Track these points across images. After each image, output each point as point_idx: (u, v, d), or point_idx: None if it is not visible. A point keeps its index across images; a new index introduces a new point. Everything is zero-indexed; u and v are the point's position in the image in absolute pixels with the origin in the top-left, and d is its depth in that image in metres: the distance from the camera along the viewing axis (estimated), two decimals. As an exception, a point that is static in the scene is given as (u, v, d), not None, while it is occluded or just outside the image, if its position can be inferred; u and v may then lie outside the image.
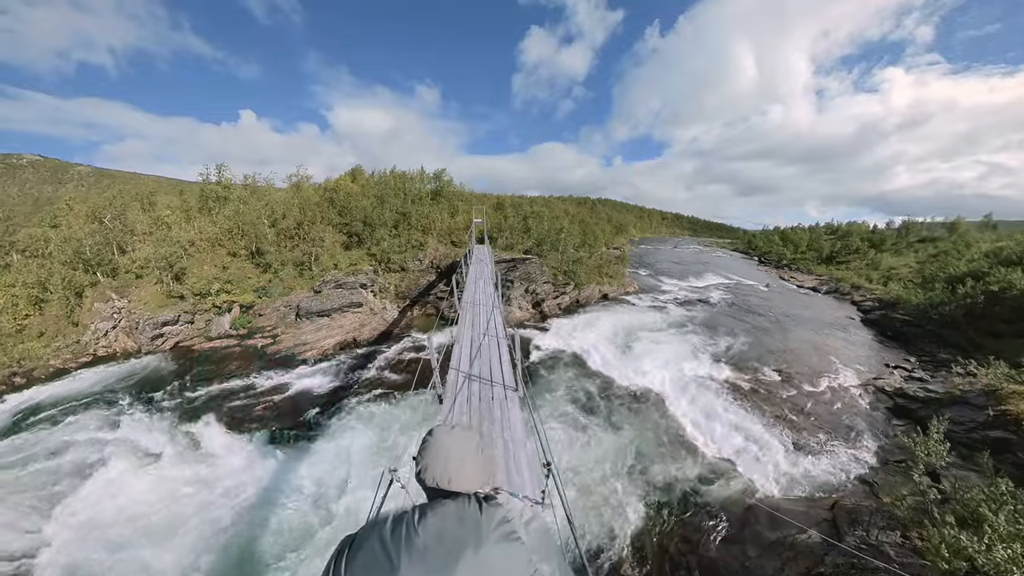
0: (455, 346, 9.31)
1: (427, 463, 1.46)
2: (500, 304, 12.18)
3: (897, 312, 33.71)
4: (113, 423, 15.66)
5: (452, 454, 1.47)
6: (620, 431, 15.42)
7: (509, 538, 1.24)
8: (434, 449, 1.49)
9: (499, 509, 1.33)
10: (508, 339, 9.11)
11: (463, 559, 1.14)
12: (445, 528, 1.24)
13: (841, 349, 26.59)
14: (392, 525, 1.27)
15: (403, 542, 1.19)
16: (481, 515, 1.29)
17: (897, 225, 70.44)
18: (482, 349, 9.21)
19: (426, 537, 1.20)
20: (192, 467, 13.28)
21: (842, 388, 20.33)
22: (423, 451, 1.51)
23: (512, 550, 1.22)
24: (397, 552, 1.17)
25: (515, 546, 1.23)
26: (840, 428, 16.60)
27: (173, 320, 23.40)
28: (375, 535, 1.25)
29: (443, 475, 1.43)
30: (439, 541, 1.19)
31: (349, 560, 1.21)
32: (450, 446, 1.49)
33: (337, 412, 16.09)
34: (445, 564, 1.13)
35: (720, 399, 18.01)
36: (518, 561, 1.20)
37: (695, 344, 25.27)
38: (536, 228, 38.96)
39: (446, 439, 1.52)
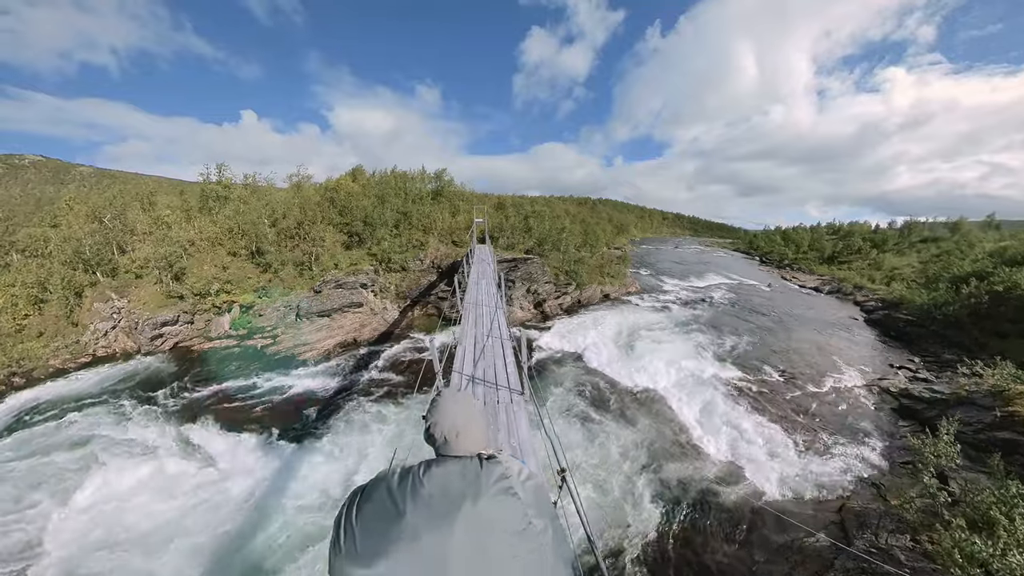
0: (458, 348, 9.06)
1: (436, 419, 1.57)
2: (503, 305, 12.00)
3: (901, 312, 33.52)
4: (111, 425, 15.49)
5: (459, 414, 1.58)
6: (624, 434, 15.25)
7: (506, 492, 1.33)
8: (442, 409, 1.60)
9: (498, 466, 1.42)
10: (513, 340, 8.95)
11: (463, 508, 1.24)
12: (448, 481, 1.34)
13: (845, 349, 26.42)
14: (399, 477, 1.37)
15: (409, 491, 1.30)
16: (481, 471, 1.39)
17: (899, 225, 70.30)
18: (486, 351, 8.99)
19: (431, 487, 1.31)
20: (190, 470, 13.11)
21: (846, 389, 20.16)
22: (432, 409, 1.62)
23: (508, 503, 1.31)
24: (403, 500, 1.27)
25: (511, 500, 1.32)
26: (845, 429, 16.43)
27: (172, 320, 23.26)
28: (383, 485, 1.35)
29: (451, 429, 1.53)
30: (442, 492, 1.29)
31: (360, 507, 1.31)
32: (457, 407, 1.61)
33: (338, 414, 15.91)
34: (447, 512, 1.23)
35: (724, 400, 17.84)
36: (513, 513, 1.29)
37: (698, 344, 25.09)
38: (537, 228, 38.84)
39: (452, 400, 1.64)
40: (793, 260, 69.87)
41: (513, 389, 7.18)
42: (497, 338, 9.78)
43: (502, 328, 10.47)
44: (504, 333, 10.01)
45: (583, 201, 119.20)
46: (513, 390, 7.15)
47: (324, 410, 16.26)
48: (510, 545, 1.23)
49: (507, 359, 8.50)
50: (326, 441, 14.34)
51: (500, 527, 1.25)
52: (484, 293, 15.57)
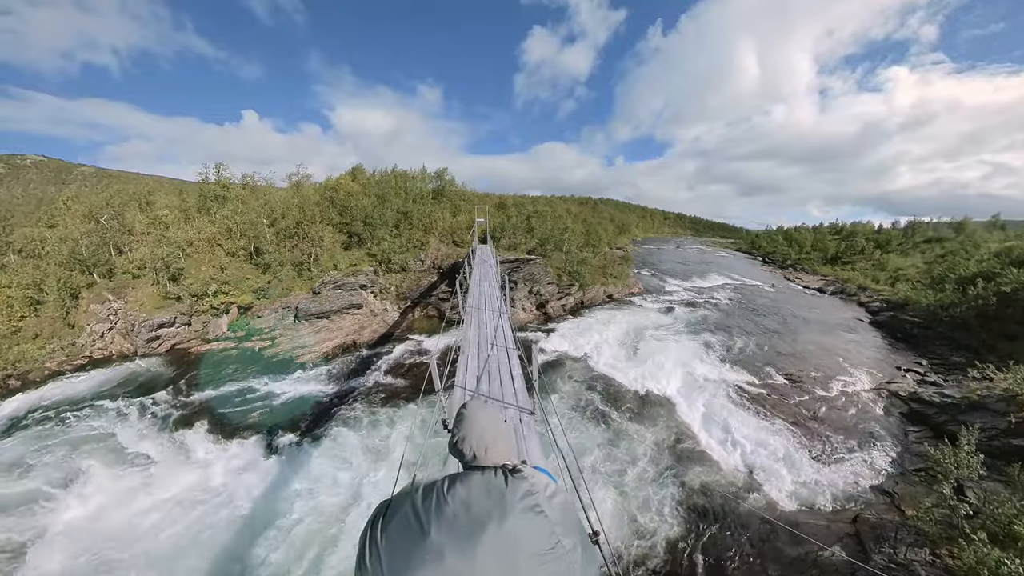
0: (460, 358, 8.30)
1: (464, 434, 1.54)
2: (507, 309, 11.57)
3: (906, 314, 33.09)
4: (103, 433, 15.17)
5: (487, 427, 1.56)
6: (630, 442, 14.88)
7: (533, 510, 1.28)
8: (470, 422, 1.57)
9: (524, 482, 1.37)
10: (519, 349, 8.38)
11: (488, 528, 1.19)
12: (473, 498, 1.29)
13: (851, 351, 26.03)
14: (423, 493, 1.33)
15: (433, 509, 1.26)
16: (507, 487, 1.34)
17: (902, 225, 69.84)
18: (490, 362, 8.29)
19: (455, 506, 1.27)
20: (183, 481, 12.74)
21: (855, 393, 19.78)
22: (459, 423, 1.60)
23: (536, 522, 1.26)
24: (428, 518, 1.23)
25: (539, 518, 1.27)
26: (855, 435, 16.06)
27: (169, 322, 22.92)
28: (408, 502, 1.32)
29: (480, 445, 1.51)
30: (467, 510, 1.25)
31: (385, 524, 1.28)
32: (485, 420, 1.59)
33: (334, 423, 15.52)
34: (472, 532, 1.18)
35: (732, 405, 17.48)
36: (541, 533, 1.24)
37: (703, 346, 24.74)
38: (540, 228, 38.49)
39: (480, 413, 1.62)
40: (796, 260, 69.38)
41: (522, 408, 6.45)
42: (502, 347, 9.16)
43: (507, 335, 9.83)
44: (510, 342, 9.36)
45: (584, 201, 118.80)
46: (522, 409, 6.40)
47: (321, 418, 15.88)
48: (538, 565, 1.19)
49: (513, 371, 7.78)
50: (322, 452, 13.93)
51: (527, 547, 1.20)
52: (487, 296, 15.07)
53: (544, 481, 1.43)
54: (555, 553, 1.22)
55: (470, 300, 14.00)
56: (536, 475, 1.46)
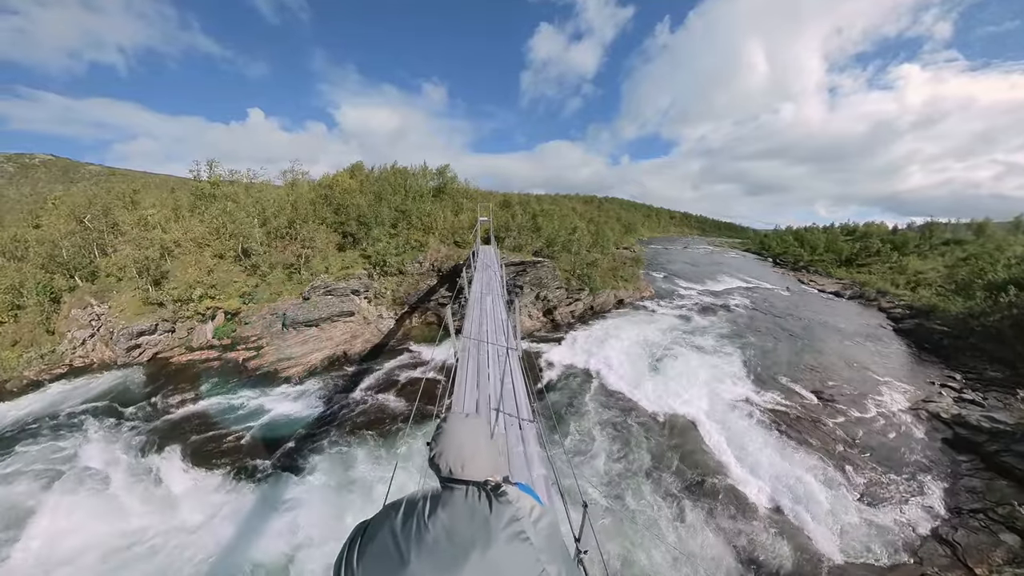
0: (458, 368, 7.77)
1: (441, 449, 1.47)
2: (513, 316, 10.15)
3: (933, 322, 31.41)
4: (69, 455, 13.96)
5: (466, 442, 1.48)
6: (653, 477, 13.21)
7: (518, 538, 1.23)
8: (448, 436, 1.50)
9: (509, 507, 1.31)
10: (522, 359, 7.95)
11: (471, 558, 1.14)
12: (455, 524, 1.23)
13: (879, 364, 24.38)
14: (403, 516, 1.28)
15: (413, 536, 1.21)
16: (491, 513, 1.28)
17: (917, 226, 67.85)
18: (492, 372, 7.95)
19: (436, 532, 1.21)
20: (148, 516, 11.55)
21: (892, 414, 18.08)
22: (437, 437, 1.53)
23: (520, 550, 1.21)
24: (407, 545, 1.19)
25: (524, 546, 1.22)
26: (900, 467, 14.38)
27: (150, 329, 21.47)
28: (387, 525, 1.27)
29: (457, 461, 1.43)
30: (448, 537, 1.19)
31: (362, 549, 1.24)
32: (464, 434, 1.51)
33: (317, 450, 14.00)
34: (453, 561, 1.14)
35: (762, 430, 15.80)
36: (526, 561, 1.19)
37: (725, 359, 23.10)
38: (547, 227, 36.70)
39: (460, 427, 1.54)
40: (809, 262, 67.35)
41: (524, 418, 6.27)
42: (504, 357, 8.56)
43: (511, 343, 9.09)
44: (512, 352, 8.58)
45: (589, 199, 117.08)
46: (524, 419, 6.25)
47: (302, 444, 14.31)
48: None
49: (516, 383, 7.35)
50: (304, 482, 12.46)
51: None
52: (489, 302, 13.79)
53: (529, 505, 1.37)
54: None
55: (472, 306, 12.71)
56: (521, 497, 1.38)
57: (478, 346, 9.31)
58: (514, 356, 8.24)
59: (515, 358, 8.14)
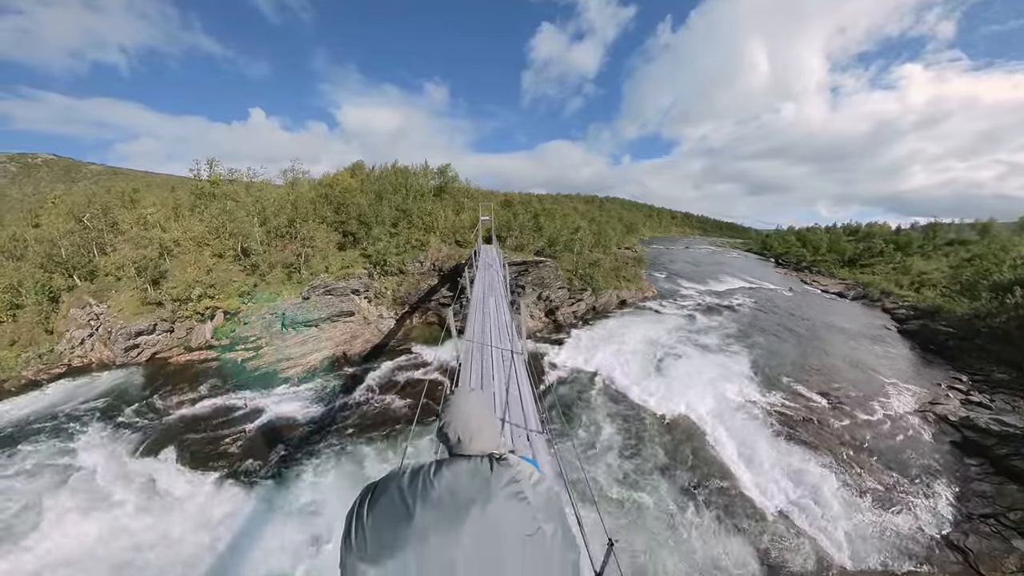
0: (461, 373, 7.51)
1: (450, 420, 1.54)
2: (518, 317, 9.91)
3: (938, 323, 31.10)
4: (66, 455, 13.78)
5: (472, 414, 1.55)
6: (658, 480, 12.96)
7: (516, 497, 1.28)
8: (456, 409, 1.56)
9: (509, 469, 1.37)
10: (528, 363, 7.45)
11: (472, 512, 1.21)
12: (458, 483, 1.30)
13: (884, 365, 24.11)
14: (410, 477, 1.34)
15: (419, 492, 1.27)
16: (492, 473, 1.34)
17: (921, 226, 67.51)
18: (496, 377, 7.49)
19: (440, 489, 1.27)
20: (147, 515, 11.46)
21: (899, 416, 17.83)
22: (446, 410, 1.60)
23: (518, 508, 1.26)
24: (413, 500, 1.24)
25: (521, 504, 1.27)
26: (908, 471, 14.13)
27: (148, 329, 21.27)
28: (394, 484, 1.32)
29: (465, 432, 1.49)
30: (452, 494, 1.25)
31: (371, 504, 1.29)
32: (471, 407, 1.58)
33: (315, 453, 13.78)
34: (456, 515, 1.20)
35: (768, 434, 15.54)
36: (523, 518, 1.24)
37: (729, 360, 22.89)
38: (548, 227, 36.43)
39: (467, 401, 1.61)
40: (811, 263, 66.98)
41: (531, 429, 5.87)
42: (509, 362, 8.08)
43: (515, 346, 8.69)
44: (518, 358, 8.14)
45: (590, 199, 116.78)
46: (531, 430, 5.84)
47: (302, 445, 14.13)
48: (519, 548, 1.19)
49: (523, 390, 6.88)
50: (299, 490, 12.23)
51: (509, 532, 1.21)
52: (492, 303, 13.44)
53: (528, 470, 1.42)
54: (536, 538, 1.22)
55: (474, 306, 12.39)
56: (521, 464, 1.44)
57: (481, 350, 8.87)
58: (520, 361, 7.84)
59: (520, 363, 7.71)
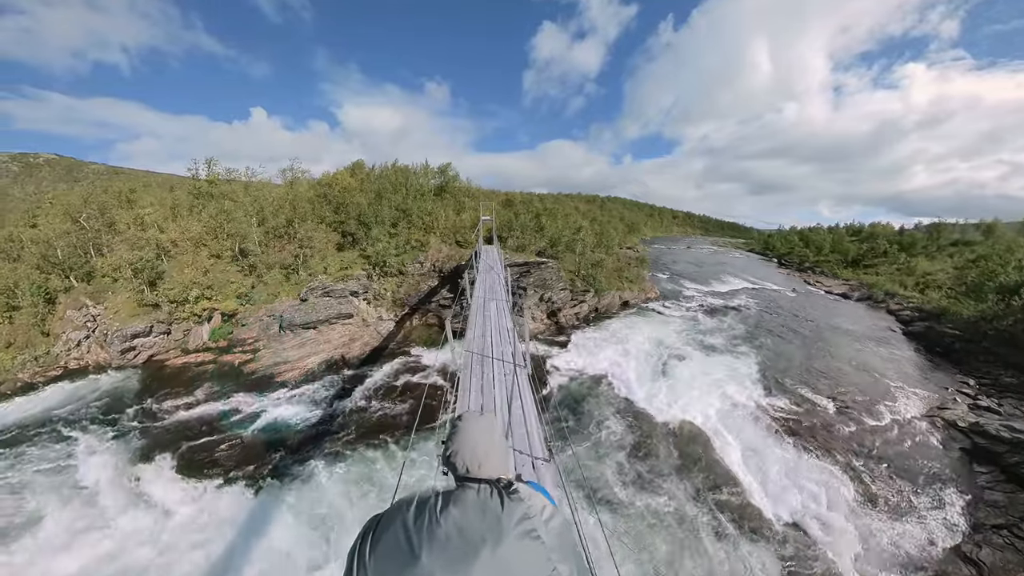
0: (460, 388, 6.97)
1: (456, 448, 1.47)
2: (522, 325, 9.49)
3: (944, 325, 30.71)
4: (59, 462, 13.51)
5: (480, 440, 1.48)
6: (664, 488, 12.64)
7: (529, 536, 1.22)
8: (463, 435, 1.50)
9: (520, 505, 1.30)
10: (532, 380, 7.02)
11: (482, 554, 1.13)
12: (467, 520, 1.23)
13: (890, 368, 23.79)
14: (415, 511, 1.27)
15: (425, 530, 1.20)
16: (503, 511, 1.27)
17: (924, 226, 67.12)
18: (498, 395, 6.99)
19: (447, 527, 1.20)
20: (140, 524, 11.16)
21: (907, 422, 17.50)
22: (453, 436, 1.53)
23: (531, 548, 1.20)
24: (419, 540, 1.18)
25: (535, 544, 1.21)
26: (917, 479, 13.81)
27: (145, 331, 21.01)
28: (399, 520, 1.26)
29: (472, 460, 1.43)
30: (460, 533, 1.19)
31: (374, 543, 1.23)
32: (478, 433, 1.51)
33: (311, 460, 13.49)
34: (464, 556, 1.13)
35: (776, 440, 15.23)
36: (537, 560, 1.18)
37: (734, 363, 22.57)
38: (550, 227, 36.03)
39: (474, 426, 1.54)
40: (814, 263, 66.55)
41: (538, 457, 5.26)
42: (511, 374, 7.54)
43: (517, 358, 8.16)
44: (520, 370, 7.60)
45: (592, 199, 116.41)
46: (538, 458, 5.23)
47: (298, 451, 13.85)
48: None
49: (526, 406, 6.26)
50: (293, 500, 11.93)
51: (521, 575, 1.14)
52: (493, 308, 13.03)
53: (541, 503, 1.36)
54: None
55: (474, 311, 12.05)
56: (533, 496, 1.37)
57: (482, 362, 8.27)
58: (523, 375, 7.20)
59: (524, 377, 7.09)
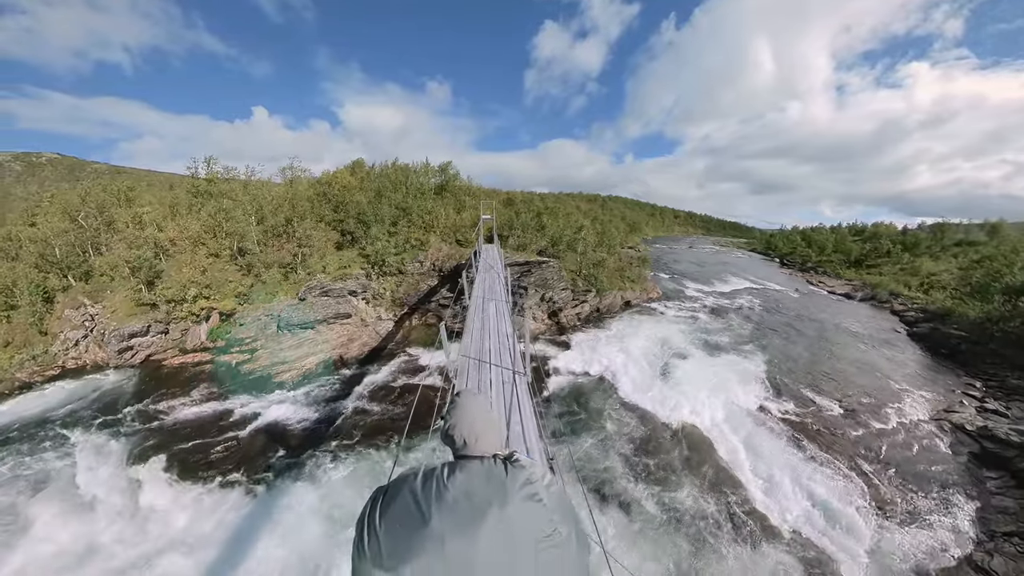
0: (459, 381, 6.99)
1: (455, 422, 1.54)
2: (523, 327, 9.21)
3: (949, 326, 30.36)
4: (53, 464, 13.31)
5: (478, 417, 1.55)
6: (669, 499, 12.36)
7: (532, 499, 1.27)
8: (462, 411, 1.57)
9: (523, 471, 1.35)
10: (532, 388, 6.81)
11: (489, 515, 1.18)
12: (473, 485, 1.28)
13: (895, 370, 23.53)
14: (423, 479, 1.30)
15: (434, 496, 1.23)
16: (507, 476, 1.32)
17: (928, 226, 66.80)
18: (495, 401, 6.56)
19: (455, 492, 1.24)
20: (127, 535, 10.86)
21: (914, 424, 17.25)
22: (452, 411, 1.60)
23: (535, 509, 1.25)
24: (428, 505, 1.21)
25: (537, 506, 1.26)
26: (926, 485, 13.55)
27: (142, 331, 20.80)
28: (407, 487, 1.29)
29: (470, 434, 1.50)
30: (467, 497, 1.23)
31: (383, 510, 1.25)
32: (476, 409, 1.58)
33: (308, 463, 13.26)
34: (473, 518, 1.17)
35: (782, 443, 14.96)
36: (540, 520, 1.23)
37: (738, 364, 22.32)
38: (551, 226, 35.70)
39: (472, 402, 1.62)
40: (817, 263, 66.18)
41: None
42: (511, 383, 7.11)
43: (516, 364, 7.81)
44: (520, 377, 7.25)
45: (593, 198, 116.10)
46: None
47: (295, 454, 13.61)
48: (537, 551, 1.18)
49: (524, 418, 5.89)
50: (290, 504, 11.71)
51: (526, 534, 1.19)
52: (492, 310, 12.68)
53: (541, 471, 1.41)
54: (552, 540, 1.21)
55: (472, 315, 11.73)
56: (534, 464, 1.43)
57: (479, 368, 7.86)
58: (522, 384, 6.86)
59: (523, 386, 6.76)
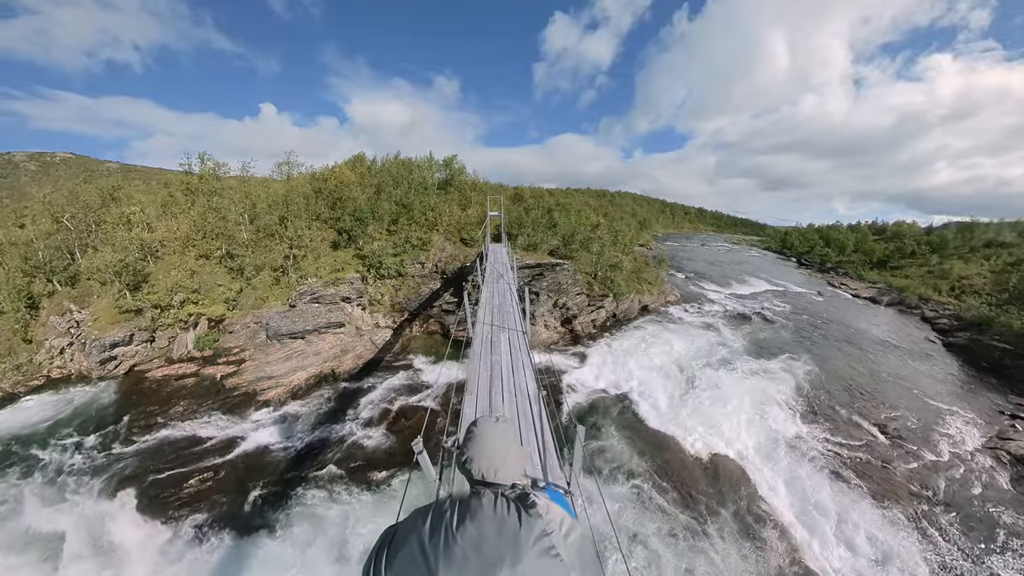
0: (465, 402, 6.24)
1: (473, 455, 1.47)
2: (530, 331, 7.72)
3: (990, 338, 28.23)
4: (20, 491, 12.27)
5: (497, 447, 1.48)
6: (697, 544, 10.75)
7: (548, 554, 1.18)
8: (480, 441, 1.49)
9: (539, 521, 1.24)
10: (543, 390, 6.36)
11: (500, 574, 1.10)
12: (483, 538, 1.19)
13: (938, 388, 21.73)
14: (431, 525, 1.24)
15: (441, 548, 1.16)
16: (520, 527, 1.22)
17: (955, 224, 63.92)
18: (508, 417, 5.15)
19: (464, 545, 1.17)
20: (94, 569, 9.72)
21: (968, 456, 15.45)
22: (469, 442, 1.51)
23: (551, 567, 1.16)
24: (436, 558, 1.14)
25: (554, 563, 1.17)
26: (990, 530, 12.07)
27: (125, 340, 19.51)
28: (414, 535, 1.22)
29: (489, 468, 1.44)
30: (476, 551, 1.15)
31: (390, 556, 1.20)
32: (495, 439, 1.50)
33: (291, 499, 11.84)
34: None
35: (826, 479, 13.25)
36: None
37: (769, 381, 20.50)
38: (563, 223, 33.36)
39: (491, 432, 1.52)
40: (837, 263, 63.63)
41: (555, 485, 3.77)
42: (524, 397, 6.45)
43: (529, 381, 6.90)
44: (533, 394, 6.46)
45: (601, 194, 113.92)
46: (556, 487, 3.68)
47: (276, 486, 12.19)
48: None
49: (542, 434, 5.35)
50: (270, 549, 10.30)
51: None
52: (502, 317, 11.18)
53: (560, 517, 1.34)
54: None
55: (481, 319, 10.37)
56: (552, 509, 1.35)
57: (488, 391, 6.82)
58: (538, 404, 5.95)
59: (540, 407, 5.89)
